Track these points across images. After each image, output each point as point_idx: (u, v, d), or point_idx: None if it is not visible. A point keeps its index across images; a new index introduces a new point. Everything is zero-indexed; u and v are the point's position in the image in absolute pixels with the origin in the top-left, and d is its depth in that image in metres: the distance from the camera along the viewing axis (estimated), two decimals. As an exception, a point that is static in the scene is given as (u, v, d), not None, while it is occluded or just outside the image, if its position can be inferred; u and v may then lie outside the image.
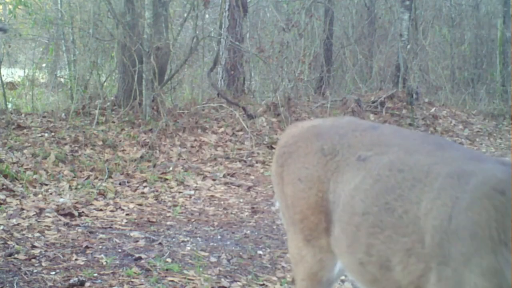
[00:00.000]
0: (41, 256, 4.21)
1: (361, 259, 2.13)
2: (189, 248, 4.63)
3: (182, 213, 5.65)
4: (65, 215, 5.16)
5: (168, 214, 5.57)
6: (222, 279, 4.03)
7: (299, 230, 2.38)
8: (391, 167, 2.10)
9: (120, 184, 6.39)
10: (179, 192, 6.37)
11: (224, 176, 7.13)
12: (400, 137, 2.26)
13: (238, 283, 4.01)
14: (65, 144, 7.30)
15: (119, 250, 4.45)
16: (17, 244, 4.39)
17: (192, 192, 6.42)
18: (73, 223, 5.04)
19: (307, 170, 2.35)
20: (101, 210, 5.50)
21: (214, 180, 6.93)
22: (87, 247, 4.45)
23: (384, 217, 2.04)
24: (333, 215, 2.26)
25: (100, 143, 7.52)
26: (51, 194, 5.80)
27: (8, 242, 4.41)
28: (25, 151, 6.83)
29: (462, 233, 1.80)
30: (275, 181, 2.54)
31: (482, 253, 1.74)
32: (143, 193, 6.20)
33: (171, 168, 7.11)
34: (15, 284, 3.70)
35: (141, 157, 7.38)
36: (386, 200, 2.05)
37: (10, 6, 10.84)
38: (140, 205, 5.77)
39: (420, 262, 1.92)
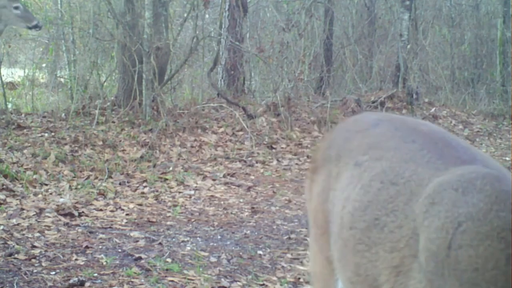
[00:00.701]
0: (41, 256, 4.21)
1: (350, 278, 1.96)
2: (189, 248, 4.63)
3: (182, 213, 5.65)
4: (65, 215, 5.16)
5: (168, 214, 5.57)
6: (222, 279, 4.03)
7: (320, 247, 2.22)
8: (383, 179, 1.90)
9: (120, 184, 6.40)
10: (179, 192, 6.37)
11: (224, 176, 7.13)
12: (399, 138, 2.03)
13: (238, 283, 4.01)
14: (65, 144, 7.30)
15: (119, 250, 4.46)
16: (17, 244, 4.39)
17: (192, 192, 6.42)
18: (73, 223, 5.04)
19: (323, 182, 2.18)
20: (101, 210, 5.50)
21: (214, 180, 6.93)
22: (87, 247, 4.46)
23: (373, 233, 1.84)
24: (330, 226, 2.10)
25: (100, 143, 7.52)
26: (51, 194, 5.80)
27: (8, 242, 4.41)
28: (25, 151, 6.83)
29: (460, 273, 1.56)
30: (306, 196, 2.40)
31: None
32: (143, 193, 6.20)
33: (171, 168, 7.11)
34: (15, 284, 3.70)
35: (141, 157, 7.38)
36: (376, 216, 1.85)
37: (10, 6, 10.83)
38: (140, 205, 5.77)
39: (410, 281, 1.71)
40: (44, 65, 12.86)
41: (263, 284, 4.04)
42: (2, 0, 7.25)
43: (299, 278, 4.17)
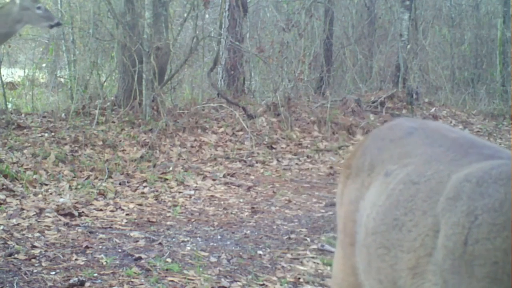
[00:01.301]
0: (41, 256, 4.21)
1: (373, 287, 1.92)
2: (189, 248, 4.63)
3: (182, 213, 5.65)
4: (65, 215, 5.16)
5: (168, 214, 5.57)
6: (222, 279, 4.03)
7: (346, 255, 2.17)
8: (405, 180, 1.88)
9: (120, 184, 6.39)
10: (179, 192, 6.37)
11: (224, 176, 7.13)
12: (428, 143, 2.01)
13: (238, 283, 4.01)
14: (65, 144, 7.31)
15: (119, 250, 4.46)
16: (17, 244, 4.39)
17: (192, 192, 6.42)
18: (73, 223, 5.04)
19: (356, 191, 2.14)
20: (101, 210, 5.50)
21: (214, 180, 6.93)
22: (87, 247, 4.45)
23: (392, 234, 1.81)
24: (357, 236, 2.08)
25: (100, 143, 7.52)
26: (51, 194, 5.80)
27: (8, 242, 4.41)
28: (25, 151, 6.83)
29: (478, 269, 1.50)
30: (337, 200, 2.34)
31: None
32: (143, 193, 6.20)
33: (171, 168, 7.11)
34: (15, 284, 3.70)
35: (141, 157, 7.38)
36: (395, 216, 1.82)
37: (10, 6, 10.83)
38: (140, 205, 5.77)
39: (425, 283, 1.66)
40: (44, 65, 12.86)
41: (263, 284, 4.04)
42: (26, 1, 7.27)
43: (299, 278, 4.17)
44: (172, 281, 3.93)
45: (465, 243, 1.55)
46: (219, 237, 5.00)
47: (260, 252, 4.67)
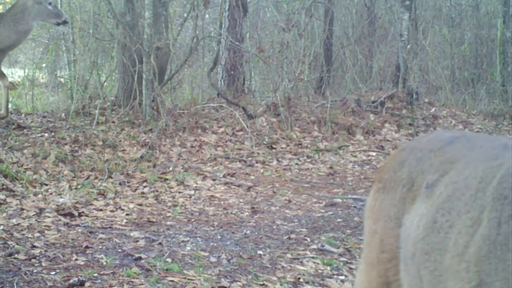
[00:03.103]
0: (41, 256, 4.21)
1: None
2: (189, 248, 4.63)
3: (182, 213, 5.65)
4: (65, 215, 5.16)
5: (168, 214, 5.57)
6: (222, 279, 4.03)
7: (380, 272, 2.11)
8: (447, 183, 1.86)
9: (120, 184, 6.39)
10: (179, 192, 6.37)
11: (224, 176, 7.13)
12: (469, 147, 1.98)
13: (238, 283, 4.01)
14: (65, 144, 7.31)
15: (119, 250, 4.45)
16: (17, 244, 4.39)
17: (192, 192, 6.42)
18: (73, 223, 5.04)
19: (395, 207, 2.08)
20: (101, 210, 5.50)
21: (214, 180, 6.93)
22: (87, 247, 4.45)
23: (432, 238, 1.79)
24: (401, 252, 2.02)
25: (100, 143, 7.52)
26: (51, 194, 5.80)
27: (8, 242, 4.41)
28: (25, 151, 6.83)
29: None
30: (367, 215, 2.27)
31: None
32: (143, 193, 6.20)
33: (171, 168, 7.11)
34: (15, 284, 3.70)
35: (141, 157, 7.38)
36: (435, 219, 1.80)
37: (10, 6, 10.84)
38: (140, 205, 5.77)
39: (458, 284, 1.66)
40: (44, 65, 12.86)
41: (263, 284, 4.04)
42: None
43: (299, 278, 4.17)
44: (172, 281, 3.93)
45: (499, 224, 1.58)
46: (219, 237, 5.00)
47: (260, 252, 4.66)
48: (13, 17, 7.30)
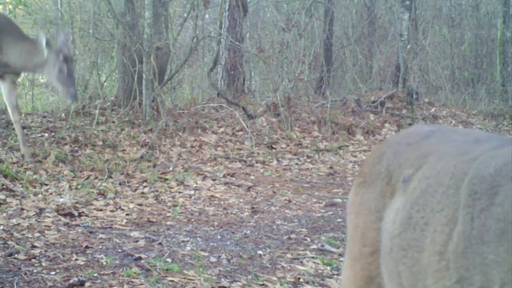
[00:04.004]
0: (41, 256, 4.21)
1: None
2: (189, 248, 4.63)
3: (182, 213, 5.65)
4: (65, 215, 5.16)
5: (168, 214, 5.57)
6: (222, 279, 4.03)
7: (363, 266, 2.12)
8: (420, 178, 1.87)
9: (120, 184, 6.39)
10: (179, 192, 6.37)
11: (224, 176, 7.13)
12: (444, 141, 1.99)
13: (238, 283, 4.01)
14: (65, 144, 7.30)
15: (119, 250, 4.45)
16: (17, 244, 4.38)
17: (192, 192, 6.42)
18: (73, 223, 5.04)
19: (376, 200, 2.09)
20: (101, 210, 5.50)
21: (214, 180, 6.93)
22: (87, 247, 4.45)
23: (408, 234, 1.80)
24: (381, 245, 2.04)
25: (100, 143, 7.52)
26: (51, 194, 5.80)
27: (8, 242, 4.41)
28: (25, 151, 6.83)
29: (487, 235, 1.54)
30: (349, 210, 2.28)
31: None
32: (143, 193, 6.20)
33: (171, 168, 7.11)
34: (15, 284, 3.70)
35: (141, 157, 7.38)
36: (410, 215, 1.81)
37: (10, 6, 10.85)
38: (140, 205, 5.77)
39: (440, 281, 1.66)
40: (44, 65, 12.83)
41: (263, 284, 4.04)
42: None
43: (299, 278, 4.17)
44: (172, 281, 3.93)
45: (472, 219, 1.60)
46: (219, 237, 5.00)
47: (260, 252, 4.67)
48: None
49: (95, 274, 3.94)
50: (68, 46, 6.68)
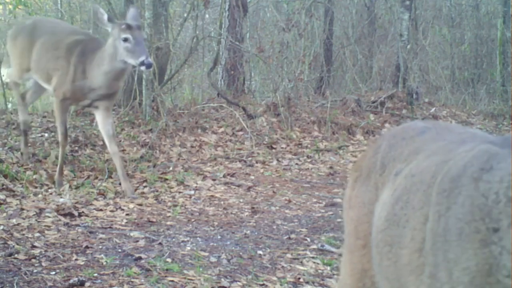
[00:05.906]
0: (41, 256, 4.21)
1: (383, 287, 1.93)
2: (189, 248, 4.63)
3: (182, 213, 5.65)
4: (65, 215, 5.16)
5: (168, 214, 5.57)
6: (222, 279, 4.03)
7: (357, 258, 2.15)
8: (406, 175, 1.89)
9: (120, 184, 6.39)
10: (179, 192, 6.37)
11: (224, 176, 7.13)
12: (435, 139, 2.01)
13: (238, 283, 4.01)
14: (65, 144, 7.30)
15: (119, 250, 4.45)
16: (17, 244, 4.38)
17: (192, 192, 6.42)
18: (73, 223, 5.04)
19: (369, 193, 2.12)
20: (101, 210, 5.50)
21: (214, 180, 6.93)
22: (87, 247, 4.45)
23: (392, 230, 1.82)
24: (371, 239, 2.06)
25: (100, 143, 7.52)
26: (51, 194, 5.80)
27: (8, 242, 4.41)
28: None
29: (449, 234, 1.57)
30: (345, 204, 2.30)
31: (470, 252, 1.48)
32: (143, 193, 6.20)
33: (171, 168, 7.11)
34: (15, 284, 3.70)
35: (141, 157, 7.38)
36: (395, 211, 1.84)
37: (10, 6, 10.85)
38: (140, 205, 5.77)
39: (419, 276, 1.67)
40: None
41: (263, 284, 4.04)
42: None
43: (299, 278, 4.17)
44: (172, 281, 3.93)
45: (439, 217, 1.61)
46: (219, 237, 5.00)
47: (260, 252, 4.66)
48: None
49: (95, 274, 3.94)
50: (138, 19, 6.07)
